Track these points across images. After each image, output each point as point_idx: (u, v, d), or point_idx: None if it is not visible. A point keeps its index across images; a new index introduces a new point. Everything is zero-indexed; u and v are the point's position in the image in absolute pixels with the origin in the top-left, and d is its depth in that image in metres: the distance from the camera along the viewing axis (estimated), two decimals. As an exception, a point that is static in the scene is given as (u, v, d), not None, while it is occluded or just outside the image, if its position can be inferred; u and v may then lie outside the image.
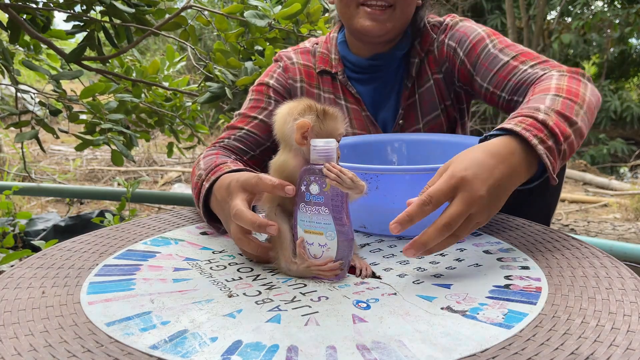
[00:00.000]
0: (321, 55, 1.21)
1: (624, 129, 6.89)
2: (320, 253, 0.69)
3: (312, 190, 0.67)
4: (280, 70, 1.21)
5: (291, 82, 1.20)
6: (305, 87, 1.21)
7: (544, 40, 6.07)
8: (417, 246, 0.66)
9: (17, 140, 1.60)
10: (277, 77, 1.20)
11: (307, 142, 0.68)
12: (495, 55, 1.05)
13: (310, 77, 1.21)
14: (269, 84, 1.19)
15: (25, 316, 0.59)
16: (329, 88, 1.21)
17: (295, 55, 1.23)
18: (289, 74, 1.20)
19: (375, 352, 0.51)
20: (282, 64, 1.22)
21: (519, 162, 0.73)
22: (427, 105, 1.17)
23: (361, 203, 0.81)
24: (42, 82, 3.86)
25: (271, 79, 1.20)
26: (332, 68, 1.19)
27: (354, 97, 1.19)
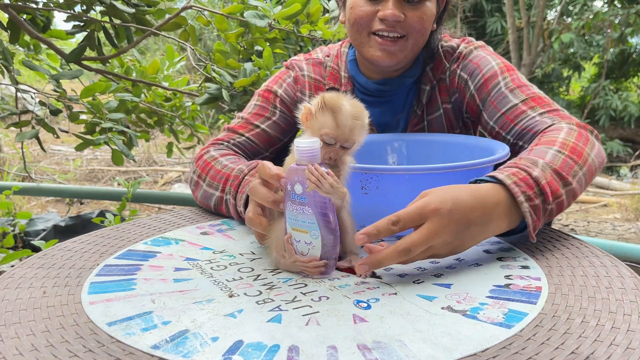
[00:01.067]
0: (331, 71, 1.18)
1: (624, 129, 6.89)
2: (306, 251, 0.69)
3: (297, 190, 0.67)
4: (290, 80, 1.18)
5: (299, 95, 1.17)
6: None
7: (544, 41, 6.07)
8: (372, 264, 0.67)
9: (17, 140, 1.60)
10: (287, 87, 1.18)
11: (305, 126, 0.71)
12: (505, 95, 1.03)
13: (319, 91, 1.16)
14: (277, 93, 1.17)
15: (27, 316, 0.59)
16: None
17: (307, 67, 1.19)
18: (298, 85, 1.17)
19: (376, 351, 0.51)
20: (293, 74, 1.19)
21: (500, 213, 0.73)
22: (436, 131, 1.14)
23: (361, 203, 0.81)
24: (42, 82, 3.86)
25: (280, 88, 1.17)
26: (342, 87, 1.16)
27: None
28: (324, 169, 0.66)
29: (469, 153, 1.02)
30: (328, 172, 0.66)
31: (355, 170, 0.77)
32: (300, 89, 1.17)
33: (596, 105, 6.60)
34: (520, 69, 6.07)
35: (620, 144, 6.12)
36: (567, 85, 7.32)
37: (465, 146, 1.05)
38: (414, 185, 0.81)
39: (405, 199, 0.81)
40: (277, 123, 1.15)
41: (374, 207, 0.83)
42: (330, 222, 0.67)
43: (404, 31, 1.02)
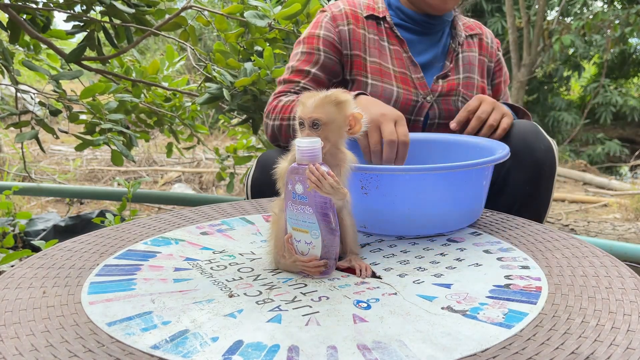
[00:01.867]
0: (367, 4, 1.34)
1: (624, 129, 6.89)
2: (306, 250, 0.69)
3: (297, 190, 0.67)
4: (327, 20, 1.30)
5: (340, 28, 1.29)
6: (352, 29, 1.29)
7: (544, 41, 6.06)
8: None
9: (17, 140, 1.60)
10: (326, 26, 1.29)
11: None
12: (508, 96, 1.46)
13: (357, 20, 1.31)
14: (320, 35, 1.28)
15: (27, 316, 0.59)
16: (373, 30, 1.31)
17: (342, 2, 1.33)
18: (336, 21, 1.29)
19: (376, 352, 0.51)
20: (330, 14, 1.31)
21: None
22: (468, 65, 1.35)
23: (361, 203, 0.81)
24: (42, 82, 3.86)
25: (321, 29, 1.29)
26: (379, 14, 1.32)
27: (398, 39, 1.31)
28: (324, 169, 0.66)
29: (469, 153, 1.02)
30: (328, 172, 0.65)
31: (355, 170, 0.77)
32: (339, 23, 1.30)
33: (596, 104, 6.61)
34: (520, 69, 6.07)
35: (618, 143, 6.12)
36: (567, 85, 7.31)
37: (466, 146, 1.05)
38: (413, 185, 0.81)
39: (405, 199, 0.81)
40: (325, 65, 1.28)
41: (374, 207, 0.83)
42: (331, 222, 0.67)
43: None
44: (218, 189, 3.74)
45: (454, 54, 1.34)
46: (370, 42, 1.30)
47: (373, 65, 1.29)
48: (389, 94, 1.27)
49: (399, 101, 1.28)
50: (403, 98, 1.28)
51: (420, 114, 1.30)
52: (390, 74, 1.29)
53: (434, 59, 1.34)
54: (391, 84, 1.28)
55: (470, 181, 0.85)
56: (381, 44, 1.30)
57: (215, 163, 4.10)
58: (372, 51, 1.29)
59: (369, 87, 1.28)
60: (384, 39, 1.31)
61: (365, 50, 1.29)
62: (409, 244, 0.83)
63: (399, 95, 1.27)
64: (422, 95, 1.29)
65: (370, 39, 1.30)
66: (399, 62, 1.30)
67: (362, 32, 1.30)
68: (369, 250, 0.80)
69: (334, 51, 1.28)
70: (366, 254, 0.78)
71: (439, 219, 0.85)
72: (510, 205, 1.15)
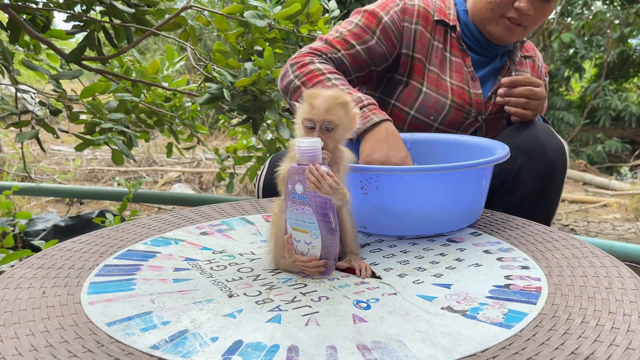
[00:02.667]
0: (440, 8, 1.29)
1: (624, 129, 6.89)
2: (306, 250, 0.69)
3: (297, 190, 0.67)
4: (397, 9, 1.25)
5: (406, 25, 1.25)
6: (420, 30, 1.26)
7: (544, 40, 6.06)
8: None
9: (17, 140, 1.60)
10: (393, 15, 1.25)
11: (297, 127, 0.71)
12: None
13: (427, 22, 1.27)
14: (382, 20, 1.24)
15: (26, 316, 0.59)
16: (439, 37, 1.28)
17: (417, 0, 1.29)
18: (405, 16, 1.25)
19: (375, 352, 0.51)
20: (402, 5, 1.26)
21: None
22: None
23: (361, 203, 0.81)
24: (42, 82, 3.86)
25: (387, 15, 1.24)
26: (450, 21, 1.28)
27: (462, 52, 1.28)
28: (324, 169, 0.66)
29: (469, 153, 1.02)
30: (328, 172, 0.65)
31: (355, 170, 0.77)
32: (407, 18, 1.25)
33: (596, 105, 6.60)
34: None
35: (618, 141, 6.11)
36: (567, 85, 7.31)
37: (466, 146, 1.05)
38: (413, 185, 0.81)
39: (405, 198, 0.81)
40: (371, 48, 1.23)
41: (374, 207, 0.83)
42: (331, 222, 0.67)
43: (527, 22, 1.22)
44: (218, 189, 3.74)
45: (508, 72, 1.33)
46: (434, 49, 1.27)
47: (431, 73, 1.26)
48: (441, 107, 1.24)
49: (448, 115, 1.25)
50: (454, 114, 1.25)
51: (467, 131, 1.28)
52: (447, 86, 1.25)
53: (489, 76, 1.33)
54: (446, 97, 1.25)
55: (470, 181, 0.85)
56: (444, 54, 1.28)
57: (215, 163, 4.10)
58: (433, 59, 1.26)
59: (422, 94, 1.25)
60: (447, 49, 1.28)
61: (428, 56, 1.26)
62: (409, 244, 0.83)
63: (451, 110, 1.25)
64: (474, 112, 1.27)
65: (434, 46, 1.27)
66: (458, 75, 1.27)
67: (429, 37, 1.27)
68: (368, 250, 0.80)
69: (388, 43, 1.24)
70: (366, 254, 0.78)
71: (439, 219, 0.85)
72: (521, 203, 1.15)
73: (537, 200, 1.15)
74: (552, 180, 1.14)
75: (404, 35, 1.24)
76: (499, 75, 1.32)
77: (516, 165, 1.14)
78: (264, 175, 1.24)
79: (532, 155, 1.13)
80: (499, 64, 1.34)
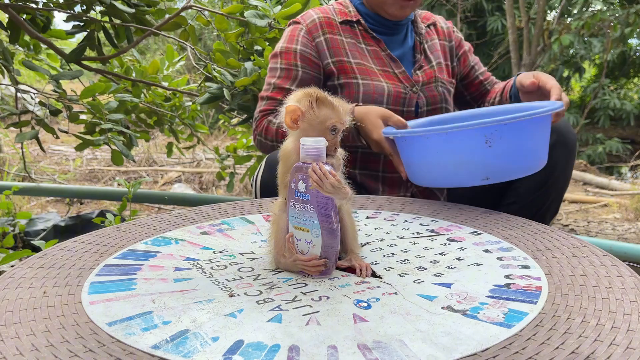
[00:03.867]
0: (339, 10, 1.39)
1: (623, 129, 6.89)
2: (306, 249, 0.69)
3: (300, 188, 0.68)
4: (303, 34, 1.34)
5: (317, 41, 1.34)
6: (328, 37, 1.34)
7: (544, 41, 6.06)
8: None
9: (17, 140, 1.60)
10: (302, 40, 1.33)
11: (297, 127, 0.70)
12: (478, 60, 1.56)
13: (332, 27, 1.36)
14: (297, 50, 1.33)
15: (27, 316, 0.59)
16: (349, 34, 1.37)
17: (314, 12, 1.37)
18: (313, 34, 1.34)
19: (376, 351, 0.51)
20: (305, 27, 1.34)
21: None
22: (435, 52, 1.45)
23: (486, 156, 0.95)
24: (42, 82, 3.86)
25: (297, 44, 1.33)
26: (352, 17, 1.37)
27: (374, 39, 1.37)
28: (327, 168, 0.66)
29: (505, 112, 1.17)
30: (331, 171, 0.66)
31: (478, 126, 0.93)
32: (314, 35, 1.34)
33: (595, 105, 6.60)
34: (520, 68, 6.06)
35: (619, 141, 6.11)
36: (567, 85, 7.31)
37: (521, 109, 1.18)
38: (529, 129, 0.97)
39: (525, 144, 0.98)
40: (303, 79, 1.33)
41: (498, 157, 0.95)
42: (332, 222, 0.67)
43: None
44: (218, 189, 3.74)
45: (421, 46, 1.42)
46: (349, 45, 1.35)
47: (359, 66, 1.34)
48: (381, 90, 1.33)
49: (391, 95, 1.34)
50: (394, 92, 1.34)
51: (411, 105, 1.36)
52: (375, 72, 1.35)
53: (406, 54, 1.42)
54: (380, 81, 1.34)
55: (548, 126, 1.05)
56: (359, 46, 1.36)
57: (215, 163, 4.10)
58: (353, 53, 1.35)
59: (360, 86, 1.33)
60: (360, 42, 1.37)
61: (347, 54, 1.35)
62: (409, 243, 0.83)
63: (390, 89, 1.34)
64: (408, 87, 1.36)
65: (348, 43, 1.36)
66: (378, 61, 1.36)
67: (340, 38, 1.35)
68: (369, 250, 0.80)
69: (312, 66, 1.33)
70: (366, 253, 0.78)
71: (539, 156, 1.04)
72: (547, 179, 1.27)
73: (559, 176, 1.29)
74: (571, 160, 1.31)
75: (320, 50, 1.34)
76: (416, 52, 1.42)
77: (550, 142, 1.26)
78: (261, 175, 1.27)
79: (563, 134, 1.26)
80: (411, 42, 1.43)
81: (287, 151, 0.72)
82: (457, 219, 0.95)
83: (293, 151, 0.71)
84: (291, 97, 0.72)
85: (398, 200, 1.11)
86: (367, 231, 0.90)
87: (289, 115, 0.70)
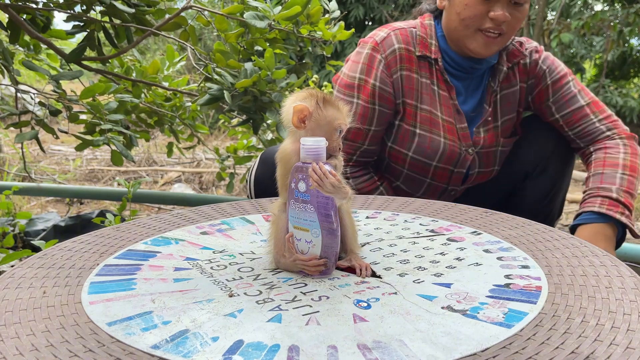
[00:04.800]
0: (421, 40, 1.26)
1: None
2: (306, 249, 0.69)
3: (300, 188, 0.68)
4: (382, 67, 1.24)
5: (394, 77, 1.25)
6: (405, 75, 1.25)
7: (544, 40, 6.06)
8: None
9: (17, 141, 1.60)
10: (381, 75, 1.25)
11: (305, 126, 0.70)
12: (575, 94, 1.29)
13: (410, 62, 1.26)
14: (375, 87, 1.25)
15: (27, 316, 0.59)
16: (425, 73, 1.26)
17: (395, 38, 1.25)
18: (391, 69, 1.24)
19: (376, 351, 0.51)
20: (383, 60, 1.24)
21: (613, 233, 1.16)
22: (507, 106, 1.31)
23: None
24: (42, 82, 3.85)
25: (376, 79, 1.25)
26: (431, 54, 1.25)
27: (447, 85, 1.26)
28: (327, 168, 0.66)
29: None
30: (331, 171, 0.66)
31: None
32: (393, 70, 1.25)
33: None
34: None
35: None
36: (568, 85, 7.31)
37: None
38: None
39: None
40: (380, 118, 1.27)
41: None
42: (332, 222, 0.67)
43: (506, 29, 1.18)
44: (218, 189, 3.74)
45: (493, 95, 1.29)
46: (423, 87, 1.25)
47: (424, 113, 1.25)
48: (437, 146, 1.25)
49: (444, 153, 1.26)
50: (449, 150, 1.26)
51: (464, 166, 1.29)
52: (439, 123, 1.25)
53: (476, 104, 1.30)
54: (439, 135, 1.25)
55: None
56: (432, 88, 1.26)
57: (215, 163, 4.10)
58: (424, 98, 1.25)
59: (416, 137, 1.25)
60: (434, 83, 1.26)
61: (418, 97, 1.25)
62: (409, 243, 0.83)
63: (446, 147, 1.25)
64: (465, 147, 1.27)
65: (423, 84, 1.25)
66: (446, 109, 1.26)
67: (416, 77, 1.25)
68: (369, 250, 0.80)
69: (390, 104, 1.26)
70: (366, 253, 0.79)
71: None
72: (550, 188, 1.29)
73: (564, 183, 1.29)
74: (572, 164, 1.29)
75: (396, 88, 1.25)
76: (485, 103, 1.29)
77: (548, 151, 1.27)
78: (255, 170, 1.26)
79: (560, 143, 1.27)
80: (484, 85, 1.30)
81: (287, 153, 0.72)
82: (457, 219, 0.95)
83: (293, 152, 0.71)
84: (295, 97, 0.72)
85: (398, 200, 1.11)
86: (367, 231, 0.90)
87: (297, 115, 0.69)
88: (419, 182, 1.33)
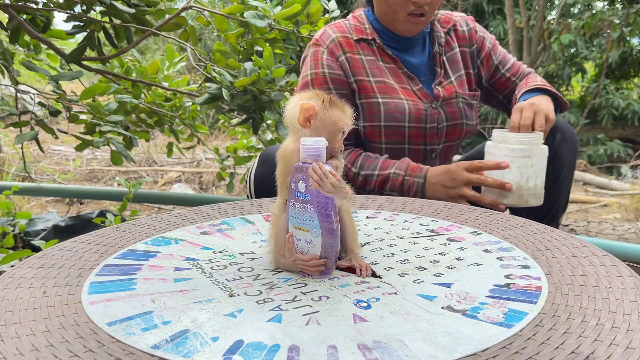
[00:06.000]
0: (355, 27, 1.40)
1: (624, 129, 6.88)
2: (306, 249, 0.69)
3: (300, 188, 0.68)
4: (326, 56, 1.35)
5: (340, 60, 1.36)
6: (349, 57, 1.36)
7: (544, 41, 6.06)
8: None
9: (17, 141, 1.60)
10: (327, 63, 1.35)
11: (310, 125, 0.69)
12: (505, 52, 1.52)
13: (350, 46, 1.37)
14: (325, 74, 1.34)
15: (27, 316, 0.59)
16: (367, 52, 1.38)
17: (331, 31, 1.38)
18: (334, 55, 1.36)
19: (376, 351, 0.51)
20: (326, 49, 1.36)
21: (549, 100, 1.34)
22: (455, 65, 1.44)
23: None
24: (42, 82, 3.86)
25: (324, 68, 1.35)
26: (368, 36, 1.39)
27: (391, 58, 1.38)
28: (327, 168, 0.66)
29: None
30: (331, 171, 0.66)
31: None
32: (337, 55, 1.36)
33: (597, 104, 6.60)
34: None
35: (620, 144, 6.11)
36: (568, 85, 7.30)
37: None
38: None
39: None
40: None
41: None
42: (332, 222, 0.67)
43: (428, 10, 1.31)
44: (218, 189, 3.74)
45: (440, 58, 1.42)
46: (369, 64, 1.36)
47: (379, 84, 1.35)
48: (402, 108, 1.34)
49: (412, 112, 1.35)
50: (415, 109, 1.35)
51: (433, 121, 1.37)
52: (396, 89, 1.35)
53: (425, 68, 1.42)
54: (400, 98, 1.34)
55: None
56: (378, 64, 1.37)
57: (215, 163, 4.11)
58: (374, 72, 1.35)
59: (381, 106, 1.33)
60: (378, 59, 1.38)
61: (367, 72, 1.35)
62: (409, 243, 0.83)
63: (411, 107, 1.34)
64: (427, 103, 1.36)
65: (368, 61, 1.36)
66: (397, 78, 1.37)
67: (359, 57, 1.36)
68: (369, 250, 0.80)
69: (343, 84, 1.34)
70: (366, 253, 0.79)
71: None
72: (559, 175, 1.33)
73: (570, 171, 1.34)
74: (577, 154, 1.36)
75: (344, 69, 1.35)
76: (435, 65, 1.41)
77: (556, 141, 1.32)
78: (254, 169, 1.28)
79: (566, 132, 1.34)
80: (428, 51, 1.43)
81: (288, 152, 0.72)
82: (457, 219, 0.95)
83: (294, 152, 0.71)
84: (301, 96, 0.72)
85: (398, 200, 1.11)
86: (367, 231, 0.90)
87: (303, 113, 0.69)
88: (399, 150, 1.39)
